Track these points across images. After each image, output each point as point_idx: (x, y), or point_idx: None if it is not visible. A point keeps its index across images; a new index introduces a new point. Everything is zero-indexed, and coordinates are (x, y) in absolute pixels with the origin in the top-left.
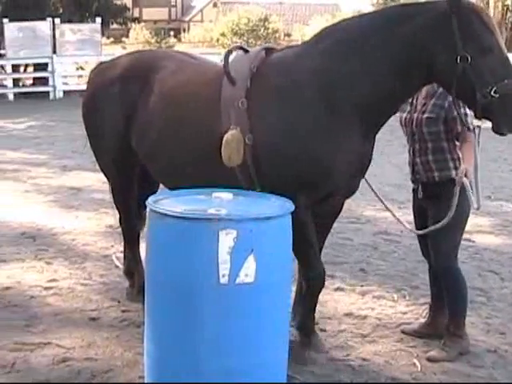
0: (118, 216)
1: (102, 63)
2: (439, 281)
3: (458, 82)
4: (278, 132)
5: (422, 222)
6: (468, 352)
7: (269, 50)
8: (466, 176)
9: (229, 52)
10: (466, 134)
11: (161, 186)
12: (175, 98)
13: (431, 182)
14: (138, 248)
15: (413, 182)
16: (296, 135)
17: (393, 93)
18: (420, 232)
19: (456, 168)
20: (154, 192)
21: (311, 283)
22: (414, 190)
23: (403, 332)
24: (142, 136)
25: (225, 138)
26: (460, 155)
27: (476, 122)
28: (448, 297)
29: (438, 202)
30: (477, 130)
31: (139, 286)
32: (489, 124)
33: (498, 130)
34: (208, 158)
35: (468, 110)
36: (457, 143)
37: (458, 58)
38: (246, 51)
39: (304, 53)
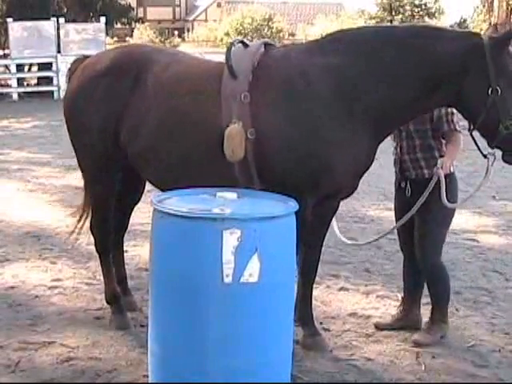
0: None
1: (84, 58)
2: (416, 275)
3: (485, 112)
4: (283, 127)
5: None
6: (446, 335)
7: (267, 45)
8: (442, 168)
9: (231, 46)
10: (452, 134)
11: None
12: (171, 92)
13: (420, 179)
14: (110, 263)
15: (399, 179)
16: (302, 131)
17: (411, 106)
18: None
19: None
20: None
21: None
22: (398, 187)
23: (377, 326)
24: (133, 134)
25: (227, 132)
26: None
27: (490, 150)
28: (434, 290)
29: (426, 199)
30: (491, 158)
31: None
32: None
33: (510, 160)
34: (206, 153)
35: (455, 110)
36: (443, 141)
37: (490, 89)
38: (246, 45)
39: (317, 50)
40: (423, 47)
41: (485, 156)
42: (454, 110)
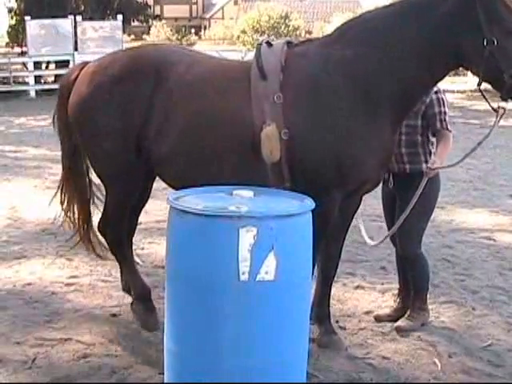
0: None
1: (84, 64)
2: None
3: (485, 64)
4: (316, 125)
5: (392, 209)
6: (428, 323)
7: (289, 44)
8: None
9: (260, 46)
10: (444, 134)
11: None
12: (198, 94)
13: (402, 173)
14: (130, 258)
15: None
16: (334, 127)
17: (422, 79)
18: (384, 238)
19: (427, 162)
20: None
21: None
22: (384, 179)
23: (376, 318)
24: (159, 137)
25: (264, 134)
26: (433, 150)
27: (502, 104)
28: (414, 278)
29: (407, 193)
30: (501, 111)
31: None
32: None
33: None
34: (238, 155)
35: (447, 109)
36: (431, 139)
37: (485, 41)
38: (270, 45)
39: (331, 44)
40: (422, 18)
41: (495, 110)
42: (447, 110)
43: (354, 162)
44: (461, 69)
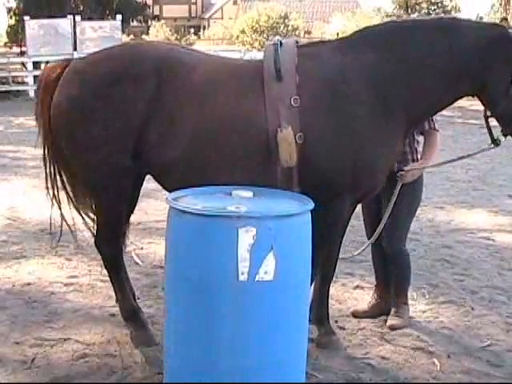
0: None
1: (67, 61)
2: (385, 260)
3: (506, 101)
4: (331, 129)
5: (376, 206)
6: (411, 319)
7: (296, 44)
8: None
9: (277, 47)
10: (432, 134)
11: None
12: (206, 96)
13: (390, 172)
14: (122, 274)
15: None
16: (350, 131)
17: (439, 98)
18: (371, 241)
19: (413, 160)
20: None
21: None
22: None
23: (354, 315)
24: (162, 141)
25: (283, 137)
26: (418, 149)
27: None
28: (397, 275)
29: (392, 190)
30: (496, 143)
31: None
32: None
33: None
34: (248, 161)
35: None
36: (417, 138)
37: None
38: (281, 45)
39: (348, 47)
40: (451, 40)
41: (493, 141)
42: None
43: (368, 167)
44: None
